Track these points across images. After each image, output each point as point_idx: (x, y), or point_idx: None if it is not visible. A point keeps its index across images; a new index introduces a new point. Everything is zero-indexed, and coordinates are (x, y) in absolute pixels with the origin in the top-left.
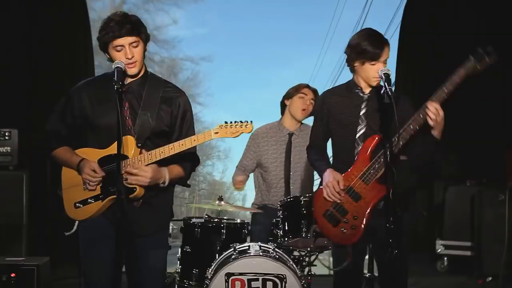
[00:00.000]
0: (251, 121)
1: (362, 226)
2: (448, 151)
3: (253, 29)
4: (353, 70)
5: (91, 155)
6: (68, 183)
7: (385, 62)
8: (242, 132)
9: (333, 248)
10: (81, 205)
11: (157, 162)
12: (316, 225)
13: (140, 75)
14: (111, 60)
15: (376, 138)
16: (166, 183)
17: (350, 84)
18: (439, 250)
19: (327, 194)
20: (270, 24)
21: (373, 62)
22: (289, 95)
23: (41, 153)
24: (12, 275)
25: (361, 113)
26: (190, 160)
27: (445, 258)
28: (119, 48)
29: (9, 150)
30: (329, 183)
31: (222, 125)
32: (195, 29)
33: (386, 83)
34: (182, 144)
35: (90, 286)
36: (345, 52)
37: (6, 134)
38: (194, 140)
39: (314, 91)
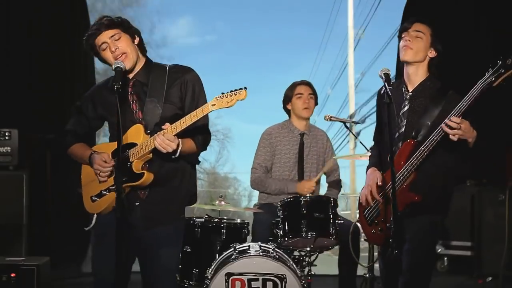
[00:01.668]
0: (245, 87)
1: (389, 232)
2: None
3: (258, 36)
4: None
5: (105, 148)
6: (86, 179)
7: (417, 34)
8: (237, 100)
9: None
10: (97, 198)
11: None
12: (358, 219)
13: (141, 67)
14: (106, 63)
15: (412, 143)
16: (177, 154)
17: (400, 81)
18: (439, 250)
19: (364, 194)
20: (273, 32)
21: (404, 34)
22: (288, 99)
23: (41, 152)
24: (12, 275)
25: (401, 112)
26: (202, 134)
27: (445, 258)
28: (103, 46)
29: (9, 150)
30: (367, 186)
31: (218, 97)
32: (205, 36)
33: (386, 83)
34: (183, 122)
35: (98, 283)
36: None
37: (6, 134)
38: (194, 116)
39: (308, 84)
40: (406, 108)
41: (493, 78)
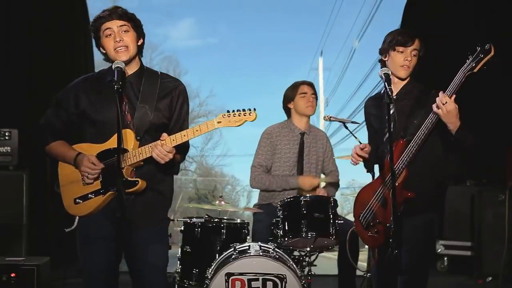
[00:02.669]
0: (255, 109)
1: (390, 233)
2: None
3: (260, 38)
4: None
5: (89, 149)
6: (67, 180)
7: (415, 53)
8: (246, 120)
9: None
10: (81, 201)
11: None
12: (354, 226)
13: (136, 69)
14: (106, 56)
15: (402, 142)
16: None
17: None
18: (439, 250)
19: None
20: (275, 34)
21: (401, 49)
22: (290, 98)
23: (41, 152)
24: (12, 275)
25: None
26: (186, 148)
27: (445, 258)
28: (108, 31)
29: (9, 150)
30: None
31: (225, 114)
32: (206, 38)
33: (386, 83)
34: (185, 135)
35: (88, 284)
36: (379, 53)
37: (6, 134)
38: (197, 131)
39: (310, 84)
40: (392, 111)
41: (474, 64)
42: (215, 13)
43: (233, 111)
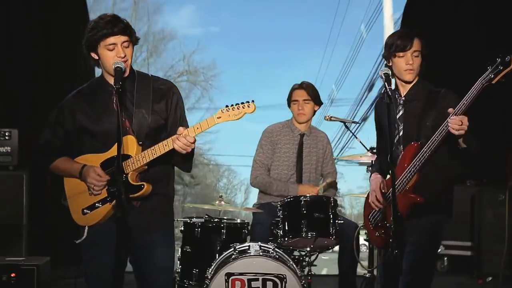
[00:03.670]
0: (253, 100)
1: (391, 233)
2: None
3: (262, 30)
4: (392, 72)
5: (91, 160)
6: (73, 192)
7: (416, 54)
8: (246, 113)
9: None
10: (89, 211)
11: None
12: (363, 225)
13: (128, 75)
14: (96, 62)
15: (415, 145)
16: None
17: (391, 88)
18: (439, 250)
19: (371, 200)
20: (279, 25)
21: (401, 54)
22: (288, 102)
23: (40, 166)
24: (12, 275)
25: (397, 116)
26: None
27: (445, 258)
28: (111, 46)
29: (9, 150)
30: (372, 191)
31: (223, 109)
32: (208, 27)
33: (386, 83)
34: (186, 134)
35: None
36: (383, 57)
37: (6, 134)
38: (197, 128)
39: (305, 88)
40: (401, 112)
41: (492, 75)
42: (218, 1)
43: (232, 105)
